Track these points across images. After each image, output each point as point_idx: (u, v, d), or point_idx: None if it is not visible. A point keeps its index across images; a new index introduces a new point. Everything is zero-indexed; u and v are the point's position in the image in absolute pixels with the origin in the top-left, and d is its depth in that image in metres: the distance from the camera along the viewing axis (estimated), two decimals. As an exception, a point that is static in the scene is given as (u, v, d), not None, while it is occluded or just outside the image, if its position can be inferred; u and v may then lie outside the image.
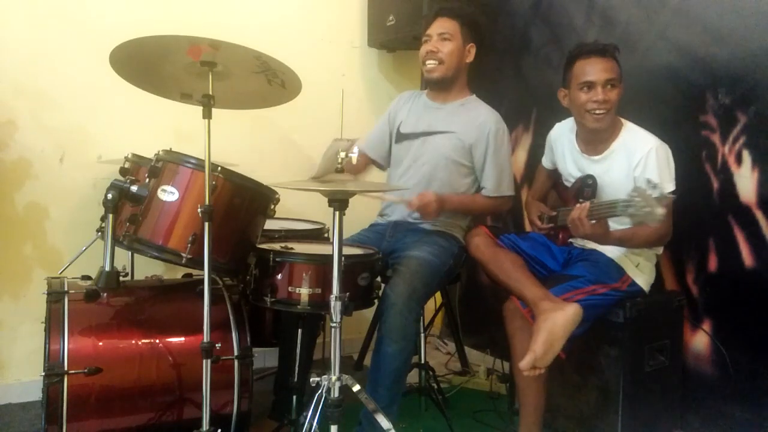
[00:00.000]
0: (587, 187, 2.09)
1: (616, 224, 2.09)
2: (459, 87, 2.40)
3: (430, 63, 2.32)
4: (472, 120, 2.32)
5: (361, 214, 2.58)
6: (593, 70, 2.04)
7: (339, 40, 3.21)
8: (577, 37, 2.64)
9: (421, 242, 2.25)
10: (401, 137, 2.45)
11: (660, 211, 1.70)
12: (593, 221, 1.92)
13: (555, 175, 2.37)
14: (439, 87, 2.40)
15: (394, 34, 3.04)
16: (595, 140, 2.13)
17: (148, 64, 1.79)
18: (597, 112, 2.04)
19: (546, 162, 2.41)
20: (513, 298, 2.07)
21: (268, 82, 1.83)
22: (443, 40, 2.31)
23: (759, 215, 2.05)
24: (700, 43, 2.21)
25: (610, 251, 2.11)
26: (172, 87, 1.90)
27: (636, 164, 2.00)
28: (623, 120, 2.11)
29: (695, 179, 2.18)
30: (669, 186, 1.99)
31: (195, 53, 1.69)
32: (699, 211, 2.18)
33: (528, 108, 2.97)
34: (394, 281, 2.08)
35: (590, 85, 2.04)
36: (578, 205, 1.93)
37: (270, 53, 1.71)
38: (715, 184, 2.17)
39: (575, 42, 2.14)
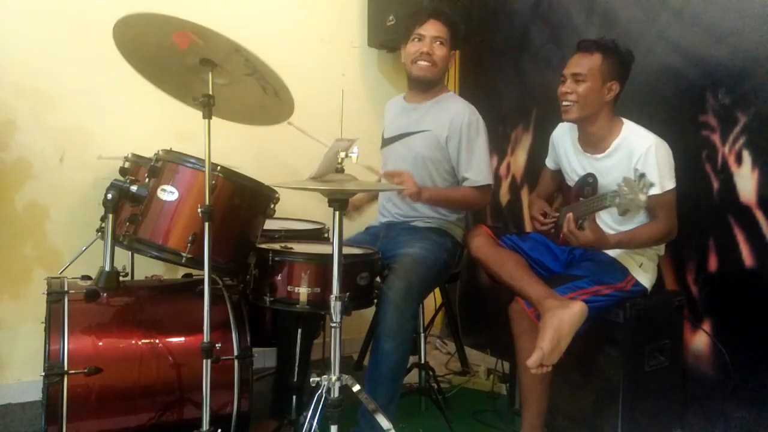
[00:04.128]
0: (587, 185, 2.09)
1: (616, 225, 2.10)
2: (438, 88, 2.45)
3: (424, 63, 2.34)
4: (445, 115, 2.36)
5: (361, 215, 2.59)
6: (568, 64, 2.10)
7: (339, 40, 3.21)
8: (577, 37, 2.61)
9: (413, 240, 2.27)
10: (385, 143, 2.52)
11: (642, 197, 1.72)
12: (582, 224, 1.92)
13: (559, 176, 2.36)
14: (422, 87, 2.43)
15: (394, 34, 3.03)
16: (593, 139, 2.13)
17: (147, 47, 1.75)
18: (564, 103, 2.09)
19: (549, 162, 2.41)
20: (518, 299, 2.05)
21: (263, 90, 1.81)
22: (440, 44, 2.34)
23: (759, 215, 2.05)
24: (700, 43, 2.21)
25: (613, 251, 2.11)
26: (170, 81, 1.89)
27: (636, 162, 2.00)
28: (623, 119, 2.11)
29: (695, 179, 2.18)
30: (669, 184, 1.99)
31: (182, 40, 1.67)
32: (699, 211, 2.18)
33: (528, 108, 2.97)
34: (390, 279, 2.09)
35: (564, 78, 2.09)
36: (567, 216, 1.94)
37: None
38: (715, 184, 2.17)
39: (575, 42, 2.15)
